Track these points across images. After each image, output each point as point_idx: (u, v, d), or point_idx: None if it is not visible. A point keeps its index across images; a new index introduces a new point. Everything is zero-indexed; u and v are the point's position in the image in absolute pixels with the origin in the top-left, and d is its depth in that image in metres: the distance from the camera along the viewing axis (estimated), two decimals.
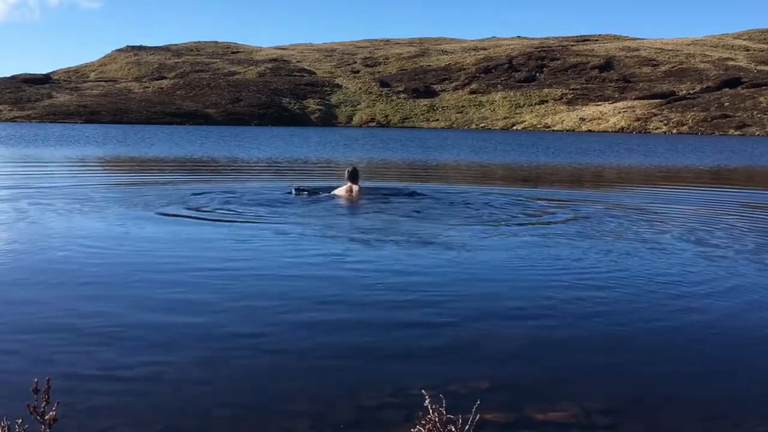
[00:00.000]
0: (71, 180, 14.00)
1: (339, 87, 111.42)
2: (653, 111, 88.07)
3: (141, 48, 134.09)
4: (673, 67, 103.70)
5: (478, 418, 2.37)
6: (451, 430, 2.29)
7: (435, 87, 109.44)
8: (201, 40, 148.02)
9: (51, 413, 2.15)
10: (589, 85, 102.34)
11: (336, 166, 21.14)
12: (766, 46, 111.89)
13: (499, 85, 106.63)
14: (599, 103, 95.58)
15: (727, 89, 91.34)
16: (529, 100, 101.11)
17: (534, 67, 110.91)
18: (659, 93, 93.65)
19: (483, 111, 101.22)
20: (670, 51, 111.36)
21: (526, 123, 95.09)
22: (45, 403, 2.14)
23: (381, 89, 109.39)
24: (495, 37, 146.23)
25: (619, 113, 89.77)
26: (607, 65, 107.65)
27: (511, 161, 26.12)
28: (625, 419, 3.20)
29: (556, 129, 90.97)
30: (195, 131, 59.89)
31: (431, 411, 2.30)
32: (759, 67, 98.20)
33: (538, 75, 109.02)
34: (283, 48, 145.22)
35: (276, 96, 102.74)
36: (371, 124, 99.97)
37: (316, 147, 35.19)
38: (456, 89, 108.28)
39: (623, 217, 9.61)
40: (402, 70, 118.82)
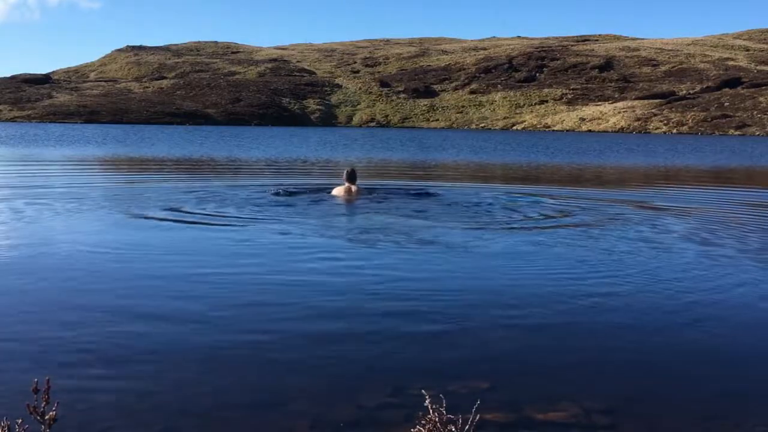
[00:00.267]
0: (70, 180, 13.99)
1: (339, 87, 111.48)
2: (653, 111, 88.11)
3: (141, 48, 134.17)
4: (673, 67, 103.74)
5: (478, 418, 2.37)
6: (451, 430, 2.29)
7: (435, 87, 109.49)
8: (201, 40, 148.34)
9: (51, 413, 2.15)
10: (589, 85, 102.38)
11: (336, 166, 21.14)
12: (766, 46, 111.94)
13: (499, 85, 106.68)
14: (599, 103, 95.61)
15: (727, 89, 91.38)
16: (529, 100, 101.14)
17: (534, 67, 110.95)
18: (659, 93, 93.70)
19: (483, 111, 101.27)
20: (670, 51, 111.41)
21: (526, 123, 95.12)
22: (45, 403, 2.14)
23: (381, 89, 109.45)
24: (495, 37, 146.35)
25: (619, 113, 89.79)
26: (607, 65, 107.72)
27: (511, 161, 26.11)
28: (625, 419, 3.19)
29: (556, 129, 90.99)
30: (195, 131, 59.88)
31: (431, 411, 2.30)
32: (759, 67, 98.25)
33: (538, 75, 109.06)
34: (283, 48, 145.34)
35: (276, 96, 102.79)
36: (371, 124, 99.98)
37: (315, 147, 35.18)
38: (456, 89, 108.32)
39: (624, 217, 9.60)
40: (402, 70, 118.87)
